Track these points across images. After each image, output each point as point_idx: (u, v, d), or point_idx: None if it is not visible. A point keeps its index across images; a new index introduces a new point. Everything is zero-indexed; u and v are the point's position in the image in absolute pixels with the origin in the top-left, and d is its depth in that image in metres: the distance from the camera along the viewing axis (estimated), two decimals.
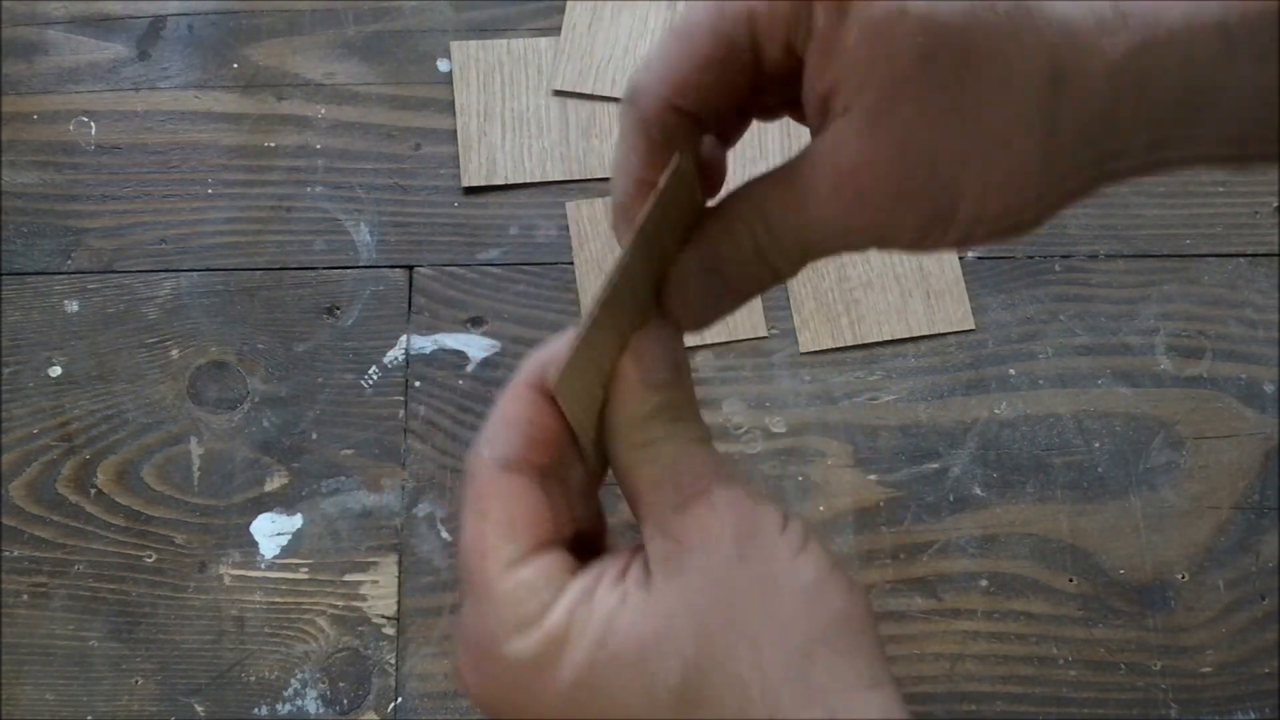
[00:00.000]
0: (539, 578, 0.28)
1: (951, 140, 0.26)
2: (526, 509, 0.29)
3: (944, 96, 0.26)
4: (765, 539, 0.28)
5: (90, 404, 0.49)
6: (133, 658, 0.45)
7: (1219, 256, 0.52)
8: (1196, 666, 0.46)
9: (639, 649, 0.27)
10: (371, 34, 0.55)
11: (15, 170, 0.52)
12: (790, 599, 0.28)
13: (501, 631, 0.28)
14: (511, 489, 0.29)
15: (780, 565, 0.28)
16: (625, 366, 0.29)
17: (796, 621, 0.27)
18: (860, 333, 0.50)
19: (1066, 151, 0.27)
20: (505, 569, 0.28)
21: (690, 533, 0.28)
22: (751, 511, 0.28)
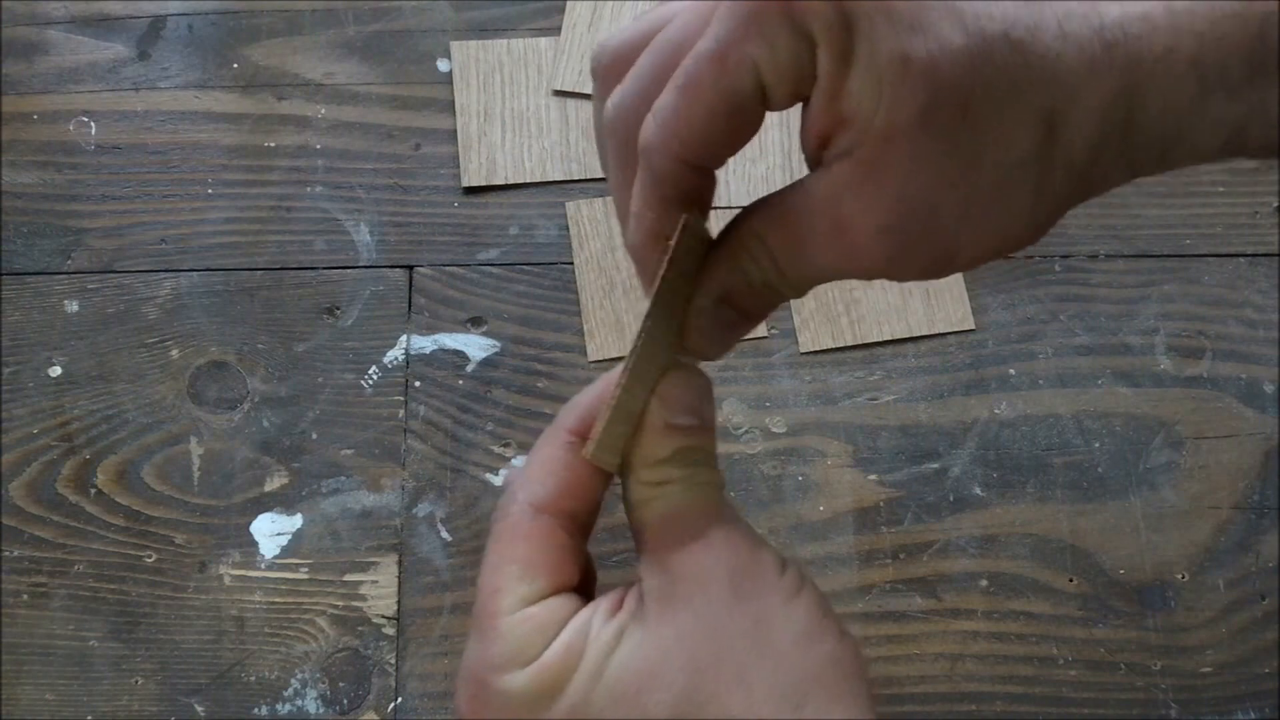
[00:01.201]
0: (549, 615, 0.29)
1: (949, 191, 0.26)
2: (550, 552, 0.30)
3: (943, 148, 0.26)
4: (761, 581, 0.29)
5: (90, 404, 0.49)
6: (133, 658, 0.45)
7: (1219, 256, 0.52)
8: (1196, 666, 0.46)
9: (633, 682, 0.28)
10: (371, 34, 0.55)
11: (15, 170, 0.52)
12: (783, 640, 0.28)
13: (502, 665, 0.29)
14: (540, 531, 0.30)
15: (775, 607, 0.29)
16: (652, 409, 0.30)
17: (789, 662, 0.28)
18: (860, 333, 0.50)
19: (1056, 188, 0.27)
20: (517, 605, 0.29)
21: (687, 569, 0.29)
22: (749, 553, 0.29)
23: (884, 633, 0.46)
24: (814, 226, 0.27)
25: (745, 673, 0.28)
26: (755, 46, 0.26)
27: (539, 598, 0.30)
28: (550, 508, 0.30)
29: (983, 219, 0.27)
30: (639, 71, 0.28)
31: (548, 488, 0.30)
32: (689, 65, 0.27)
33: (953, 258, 0.28)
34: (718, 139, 0.27)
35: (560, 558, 0.30)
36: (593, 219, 0.51)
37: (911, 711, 0.45)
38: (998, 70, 0.26)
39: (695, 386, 0.31)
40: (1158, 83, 0.26)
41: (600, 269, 0.51)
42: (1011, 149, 0.26)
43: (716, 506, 0.31)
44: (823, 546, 0.47)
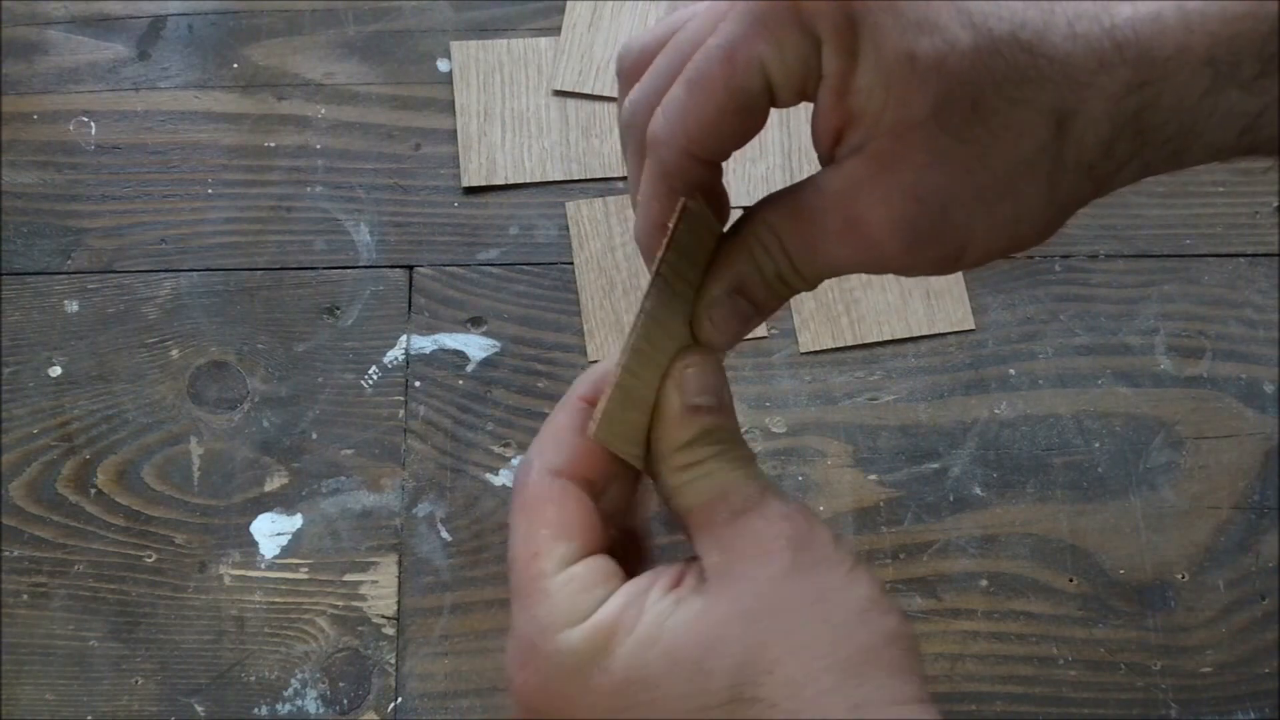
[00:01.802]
0: (592, 574, 0.29)
1: (960, 186, 0.27)
2: (580, 513, 0.30)
3: (953, 144, 0.26)
4: (819, 553, 0.29)
5: (90, 404, 0.49)
6: (133, 658, 0.45)
7: (1219, 256, 0.52)
8: (1196, 666, 0.46)
9: (692, 649, 0.28)
10: (371, 34, 0.55)
11: (15, 170, 0.52)
12: (844, 613, 0.28)
13: (553, 624, 0.28)
14: (565, 494, 0.30)
15: (835, 580, 0.29)
16: (668, 394, 0.30)
17: (850, 635, 0.28)
18: (860, 333, 0.50)
19: (1068, 185, 0.28)
20: (559, 567, 0.29)
21: (745, 543, 0.29)
22: (805, 525, 0.29)
23: None
24: (827, 221, 0.28)
25: (807, 643, 0.28)
26: (763, 46, 0.26)
27: (578, 557, 0.29)
28: (566, 472, 0.30)
29: (994, 215, 0.28)
30: (655, 70, 0.29)
31: (562, 454, 0.30)
32: (698, 61, 0.27)
33: (964, 252, 0.28)
34: (724, 134, 0.28)
35: (588, 520, 0.30)
36: (593, 219, 0.51)
37: None
38: (1007, 68, 0.26)
39: (710, 366, 0.31)
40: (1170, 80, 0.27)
41: (600, 269, 0.51)
42: (1022, 146, 0.27)
43: (758, 480, 0.30)
44: None
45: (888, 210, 0.27)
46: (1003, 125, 0.27)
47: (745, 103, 0.27)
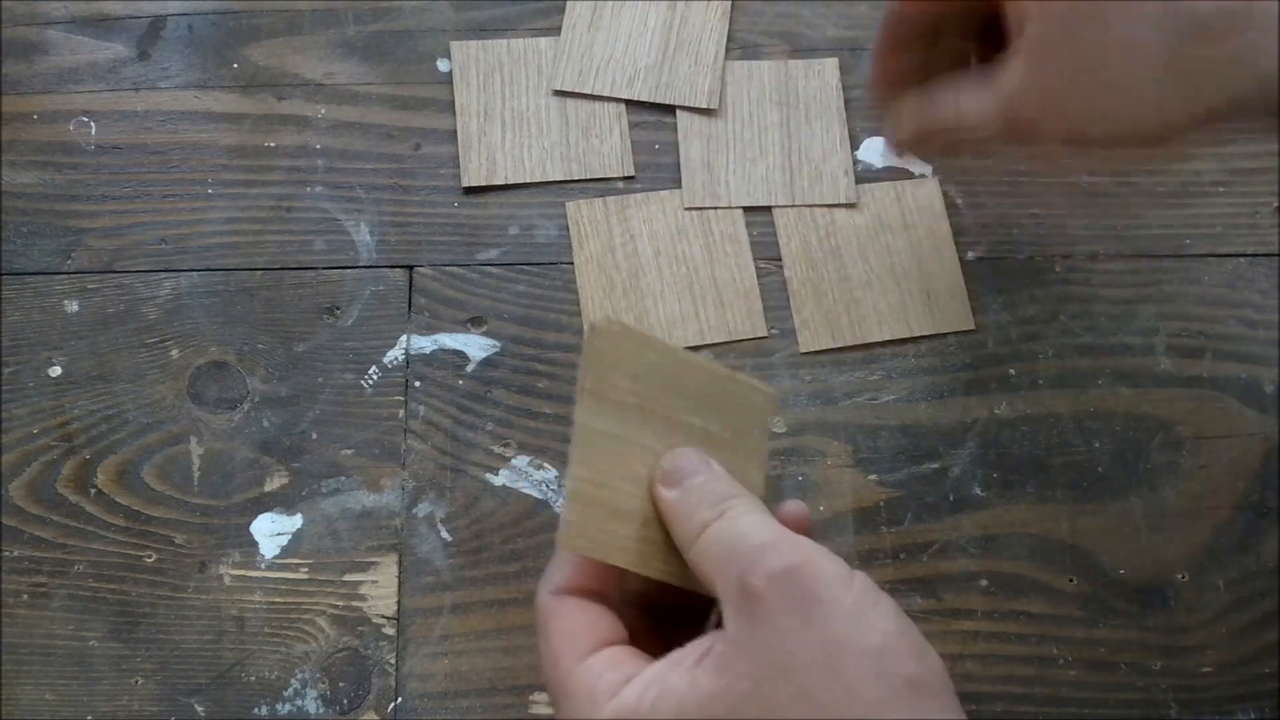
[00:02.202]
0: (604, 664, 0.31)
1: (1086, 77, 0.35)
2: (584, 620, 0.32)
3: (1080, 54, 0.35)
4: (828, 601, 0.29)
5: (90, 404, 0.49)
6: (133, 658, 0.45)
7: (1219, 256, 0.52)
8: (1196, 666, 0.46)
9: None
10: (371, 34, 0.55)
11: (15, 170, 0.52)
12: (857, 662, 0.28)
13: (577, 716, 0.30)
14: (565, 609, 0.32)
15: (845, 629, 0.28)
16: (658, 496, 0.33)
17: (865, 684, 0.28)
18: (860, 333, 0.50)
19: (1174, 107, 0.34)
20: (576, 663, 0.31)
21: (757, 608, 0.29)
22: (812, 577, 0.29)
23: None
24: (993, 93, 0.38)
25: (821, 701, 0.27)
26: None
27: (593, 650, 0.31)
28: (568, 590, 0.33)
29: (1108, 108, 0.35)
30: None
31: (561, 575, 0.33)
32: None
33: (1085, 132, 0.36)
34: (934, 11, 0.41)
35: (595, 622, 0.32)
36: (593, 219, 0.51)
37: None
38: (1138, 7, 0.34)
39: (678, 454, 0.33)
40: None
41: (600, 269, 0.51)
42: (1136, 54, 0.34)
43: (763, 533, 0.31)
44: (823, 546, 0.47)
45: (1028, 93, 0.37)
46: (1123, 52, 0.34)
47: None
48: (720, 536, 0.31)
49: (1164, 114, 0.35)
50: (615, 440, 0.33)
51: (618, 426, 0.33)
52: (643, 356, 0.33)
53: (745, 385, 0.36)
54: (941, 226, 0.52)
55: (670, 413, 0.34)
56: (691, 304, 0.50)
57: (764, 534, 0.31)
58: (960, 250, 0.52)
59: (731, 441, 0.35)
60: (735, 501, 0.32)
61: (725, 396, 0.35)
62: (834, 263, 0.51)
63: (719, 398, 0.35)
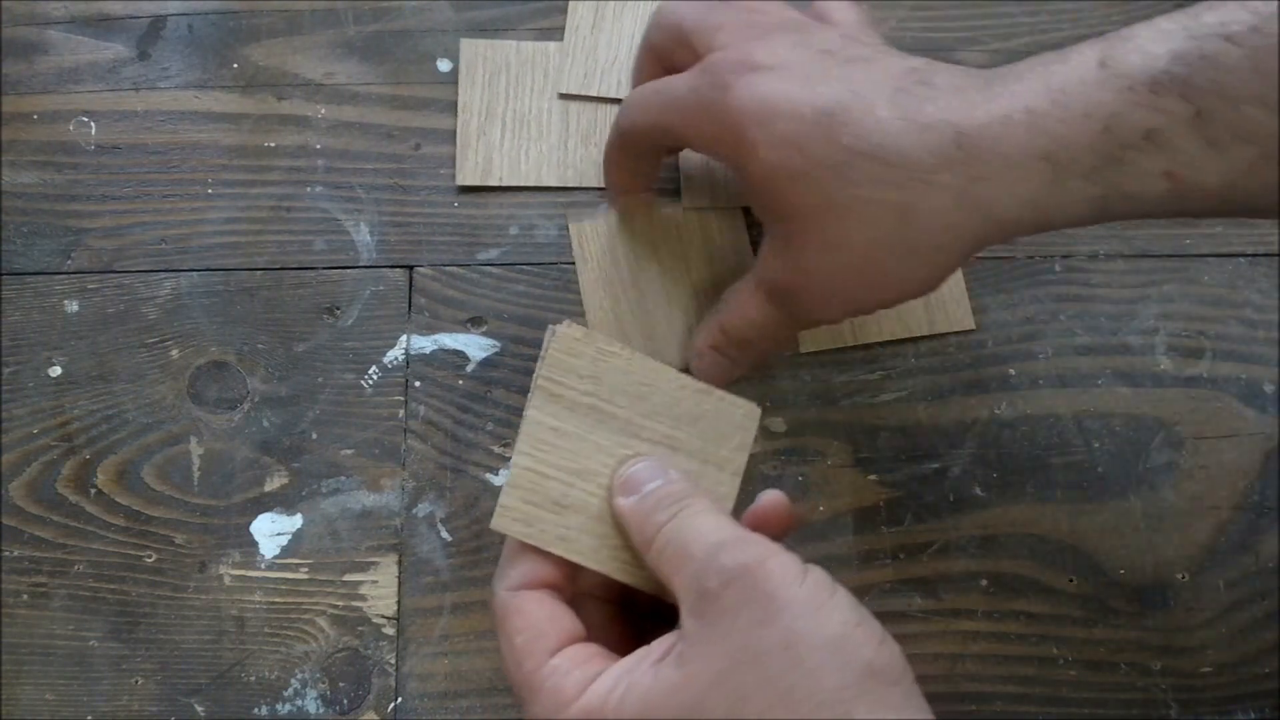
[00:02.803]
0: (569, 662, 0.31)
1: (831, 262, 0.36)
2: (544, 617, 0.33)
3: (823, 242, 0.36)
4: (783, 598, 0.30)
5: (90, 404, 0.49)
6: (133, 658, 0.45)
7: (1219, 256, 0.52)
8: (1196, 666, 0.46)
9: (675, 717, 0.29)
10: (371, 34, 0.55)
11: (15, 170, 0.52)
12: (816, 652, 0.29)
13: (543, 716, 0.31)
14: (525, 605, 0.33)
15: (803, 621, 0.29)
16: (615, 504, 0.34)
17: (825, 672, 0.28)
18: (860, 333, 0.50)
19: (922, 262, 0.36)
20: (541, 663, 0.31)
21: (713, 608, 0.30)
22: (766, 573, 0.30)
23: None
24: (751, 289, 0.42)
25: (785, 692, 0.28)
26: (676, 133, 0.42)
27: (555, 650, 0.32)
28: (523, 585, 0.34)
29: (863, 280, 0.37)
30: None
31: (517, 572, 0.34)
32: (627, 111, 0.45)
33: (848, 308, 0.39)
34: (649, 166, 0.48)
35: (556, 618, 0.33)
36: (596, 238, 0.51)
37: None
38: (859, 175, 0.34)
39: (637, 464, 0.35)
40: (1013, 169, 0.33)
41: (601, 270, 0.51)
42: (876, 231, 0.35)
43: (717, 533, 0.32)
44: (823, 546, 0.47)
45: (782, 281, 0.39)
46: (858, 218, 0.35)
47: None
48: (674, 537, 0.32)
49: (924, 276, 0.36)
50: (564, 436, 0.35)
51: (569, 424, 0.35)
52: (606, 362, 0.36)
53: (724, 400, 0.37)
54: None
55: (632, 416, 0.36)
56: (696, 312, 0.50)
57: (718, 533, 0.31)
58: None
59: (701, 451, 0.36)
60: (690, 502, 0.33)
61: (699, 409, 0.37)
62: None
63: (691, 409, 0.37)
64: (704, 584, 0.30)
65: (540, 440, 0.35)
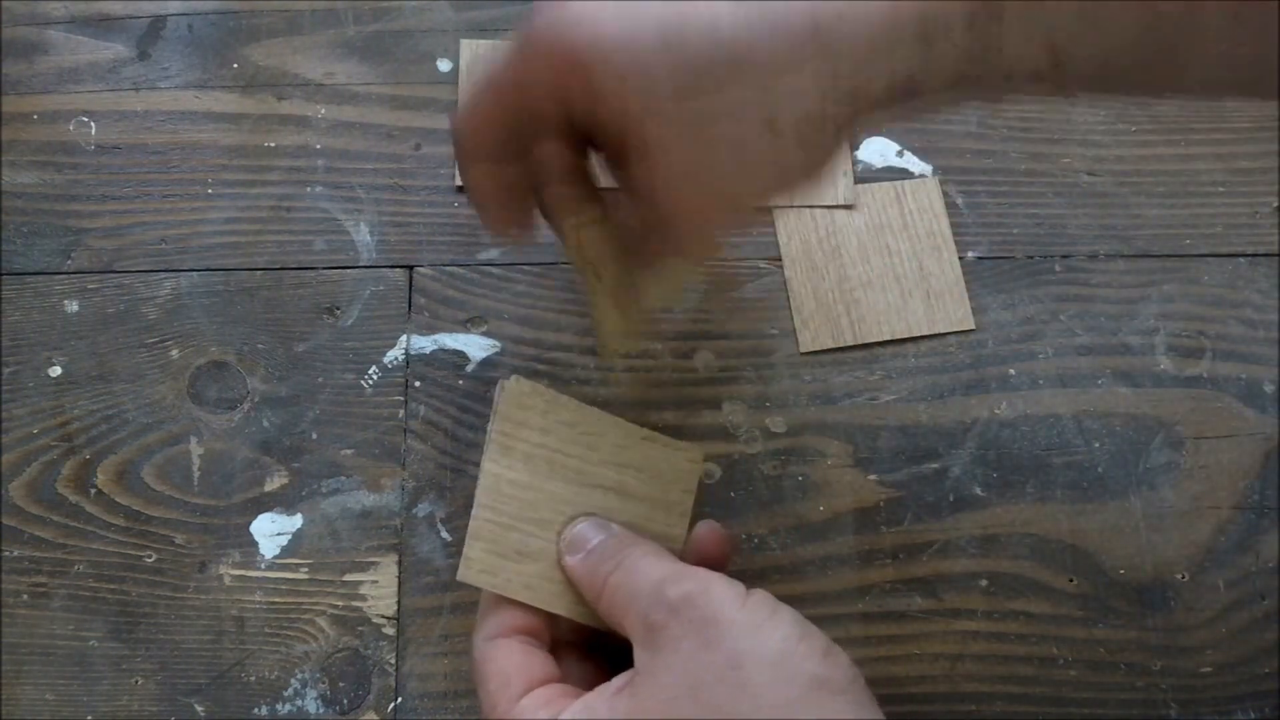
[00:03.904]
0: (535, 703, 0.32)
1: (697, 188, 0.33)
2: (515, 662, 0.34)
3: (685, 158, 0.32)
4: (725, 620, 0.31)
5: (90, 404, 0.49)
6: (133, 658, 0.45)
7: (1219, 256, 0.52)
8: (1196, 666, 0.46)
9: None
10: (371, 34, 0.55)
11: (15, 170, 0.52)
12: (758, 670, 0.29)
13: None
14: (499, 653, 0.34)
15: (745, 641, 0.30)
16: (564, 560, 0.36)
17: (769, 689, 0.29)
18: (860, 333, 0.50)
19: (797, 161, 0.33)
20: (510, 706, 0.33)
21: (660, 638, 0.31)
22: (708, 600, 0.31)
23: (884, 633, 0.46)
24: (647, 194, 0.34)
25: (729, 713, 0.29)
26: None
27: (526, 691, 0.33)
28: (500, 634, 0.35)
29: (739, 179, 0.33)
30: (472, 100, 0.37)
31: (492, 622, 0.35)
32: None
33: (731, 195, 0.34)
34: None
35: (527, 663, 0.34)
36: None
37: (911, 711, 0.45)
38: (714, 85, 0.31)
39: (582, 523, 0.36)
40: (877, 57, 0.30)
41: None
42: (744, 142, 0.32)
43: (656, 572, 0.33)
44: (823, 546, 0.47)
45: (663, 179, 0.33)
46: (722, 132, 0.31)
47: None
48: (621, 584, 0.33)
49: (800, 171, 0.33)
50: (521, 488, 0.37)
51: (524, 475, 0.37)
52: (554, 414, 0.37)
53: (667, 446, 0.39)
54: (941, 226, 0.52)
55: (583, 466, 0.37)
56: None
57: (660, 570, 0.33)
58: (960, 250, 0.52)
59: (650, 496, 0.38)
60: (631, 550, 0.34)
61: (644, 454, 0.38)
62: (834, 263, 0.51)
63: (637, 455, 0.38)
64: (650, 618, 0.31)
65: (498, 492, 0.37)
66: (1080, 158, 0.54)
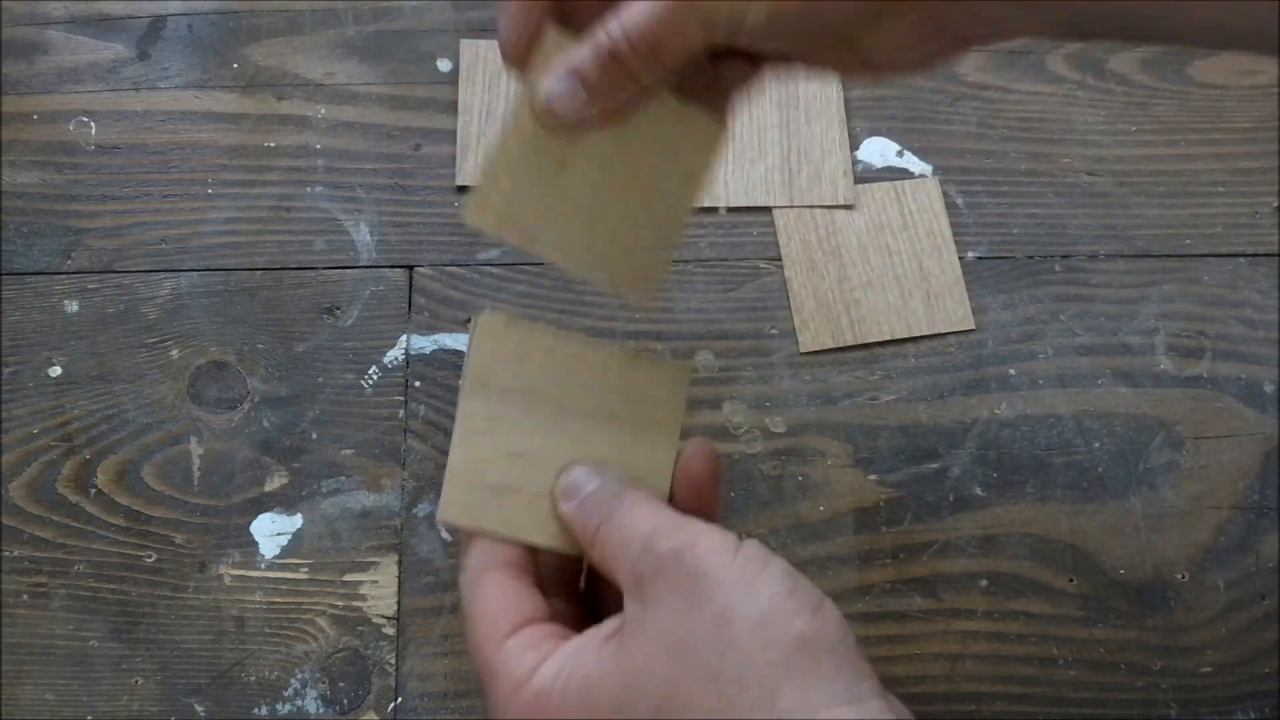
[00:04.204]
0: (522, 645, 0.32)
1: None
2: (502, 598, 0.33)
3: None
4: (715, 576, 0.30)
5: (90, 404, 0.49)
6: (133, 658, 0.45)
7: (1219, 256, 0.52)
8: (1196, 666, 0.46)
9: (611, 699, 0.29)
10: (371, 34, 0.55)
11: (15, 170, 0.52)
12: (745, 630, 0.29)
13: (501, 698, 0.31)
14: (486, 589, 0.33)
15: (731, 599, 0.29)
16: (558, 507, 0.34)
17: (755, 653, 0.28)
18: (860, 333, 0.50)
19: None
20: (497, 646, 0.32)
21: (650, 593, 0.30)
22: (696, 554, 0.30)
23: (884, 633, 0.46)
24: None
25: (715, 673, 0.28)
26: None
27: (512, 631, 0.32)
28: (484, 568, 0.34)
29: None
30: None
31: (476, 561, 0.34)
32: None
33: None
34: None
35: (515, 599, 0.33)
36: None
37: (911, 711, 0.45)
38: None
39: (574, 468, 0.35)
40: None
41: None
42: None
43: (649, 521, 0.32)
44: (823, 546, 0.47)
45: None
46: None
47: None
48: (611, 535, 0.32)
49: None
50: (498, 422, 0.35)
51: (501, 409, 0.35)
52: (531, 345, 0.36)
53: (653, 364, 0.37)
54: (941, 226, 0.52)
55: (563, 394, 0.36)
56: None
57: (651, 522, 0.32)
58: (960, 250, 0.52)
59: (635, 418, 0.36)
60: (622, 498, 0.33)
61: (627, 377, 0.37)
62: (834, 263, 0.51)
63: (619, 379, 0.36)
64: (640, 571, 0.31)
65: (474, 430, 0.35)
66: (1080, 158, 0.54)
